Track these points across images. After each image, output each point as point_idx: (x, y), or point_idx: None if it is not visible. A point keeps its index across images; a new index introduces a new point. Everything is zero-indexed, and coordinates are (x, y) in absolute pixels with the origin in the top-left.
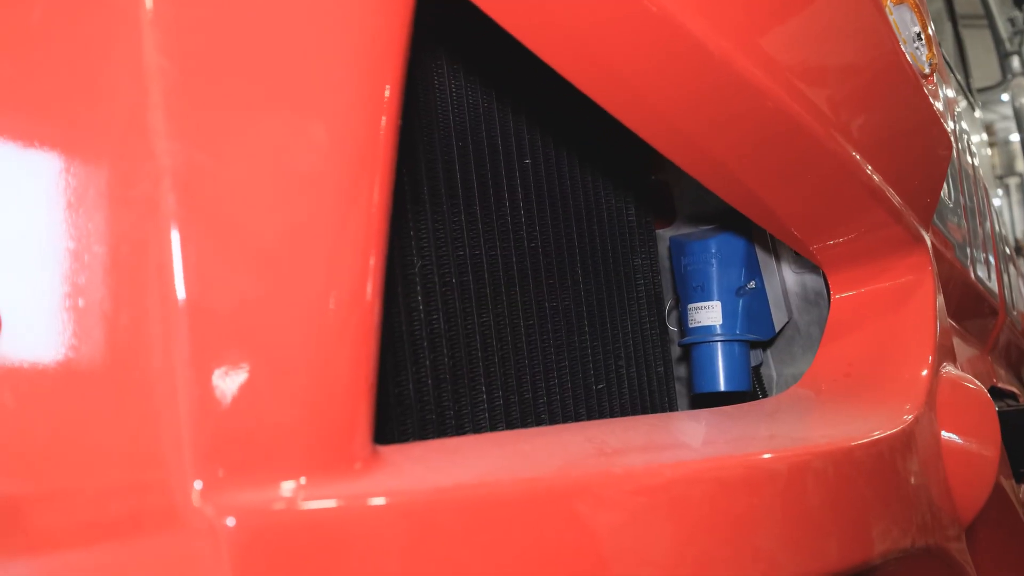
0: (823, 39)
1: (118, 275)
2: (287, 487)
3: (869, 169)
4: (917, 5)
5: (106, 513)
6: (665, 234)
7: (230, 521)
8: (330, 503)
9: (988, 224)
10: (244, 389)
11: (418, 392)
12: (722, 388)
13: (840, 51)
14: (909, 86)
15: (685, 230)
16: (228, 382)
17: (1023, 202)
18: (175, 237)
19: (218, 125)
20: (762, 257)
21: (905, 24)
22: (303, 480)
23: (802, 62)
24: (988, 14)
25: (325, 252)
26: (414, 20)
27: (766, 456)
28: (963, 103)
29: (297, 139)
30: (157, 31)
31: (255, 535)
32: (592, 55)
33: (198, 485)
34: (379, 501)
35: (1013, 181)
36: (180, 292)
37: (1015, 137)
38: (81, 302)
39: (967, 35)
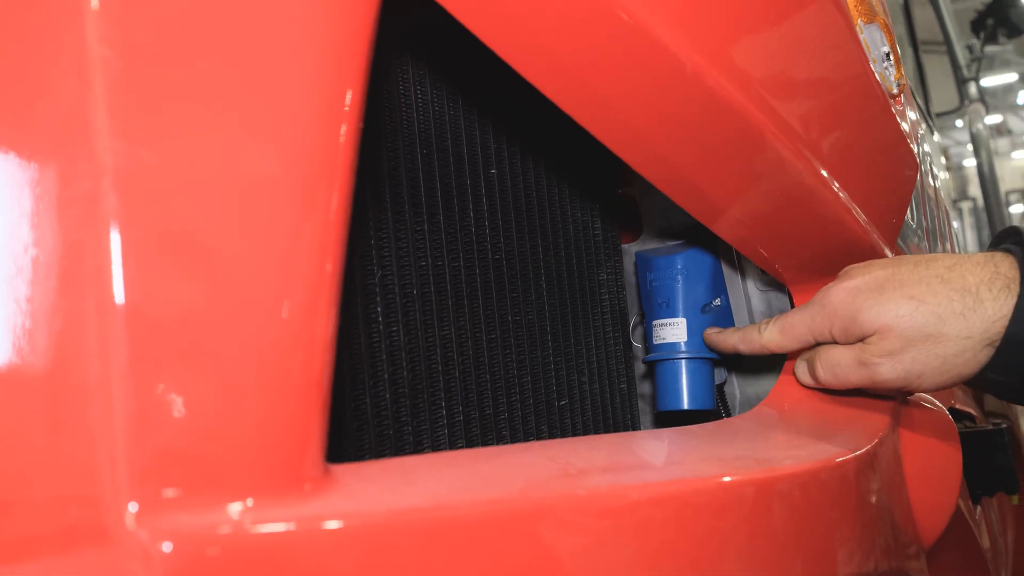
0: (795, 56)
1: (53, 278)
2: (230, 510)
3: (836, 186)
4: (886, 25)
5: (33, 538)
6: (631, 249)
7: (166, 546)
8: (276, 527)
9: (948, 246)
10: (186, 404)
11: (375, 407)
12: (686, 406)
13: (811, 68)
14: (878, 105)
15: (651, 245)
16: (169, 396)
17: (975, 225)
18: (115, 239)
19: (165, 123)
20: (728, 274)
21: (875, 44)
22: (249, 502)
23: (773, 78)
24: (947, 41)
25: (278, 259)
26: (379, 24)
27: (734, 478)
28: (923, 127)
29: (251, 141)
30: (102, 21)
31: (194, 561)
32: (561, 63)
33: (133, 507)
34: (329, 525)
35: (966, 205)
36: (119, 297)
37: (968, 163)
38: (12, 305)
39: (925, 60)
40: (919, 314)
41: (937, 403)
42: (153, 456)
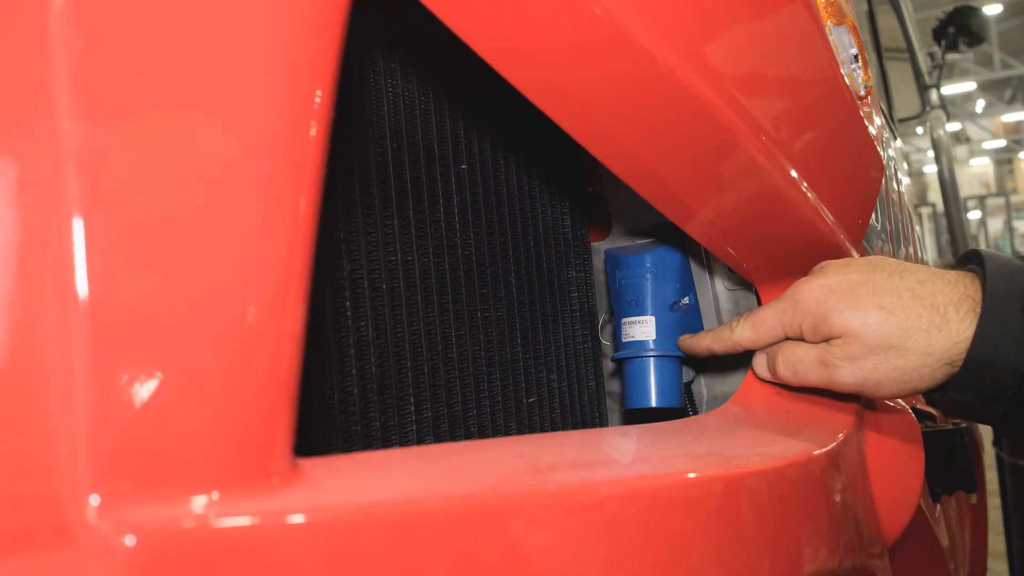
0: (766, 55)
1: (11, 265)
2: (196, 503)
3: (805, 186)
4: (855, 27)
5: None
6: (600, 247)
7: (129, 540)
8: (243, 520)
9: (911, 249)
10: (150, 395)
11: (343, 402)
12: (654, 404)
13: (782, 68)
14: (846, 107)
15: (621, 243)
16: (132, 386)
17: (935, 231)
18: (78, 226)
19: (131, 107)
20: (696, 273)
21: (844, 46)
22: (214, 495)
23: (745, 76)
24: (909, 48)
25: (246, 251)
26: (351, 19)
27: (703, 474)
28: (887, 132)
29: (221, 129)
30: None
31: (158, 555)
32: (534, 57)
33: (94, 500)
34: (297, 519)
35: (926, 211)
36: (81, 286)
37: (928, 169)
38: None
39: (889, 67)
40: (887, 325)
41: (901, 402)
42: (116, 448)
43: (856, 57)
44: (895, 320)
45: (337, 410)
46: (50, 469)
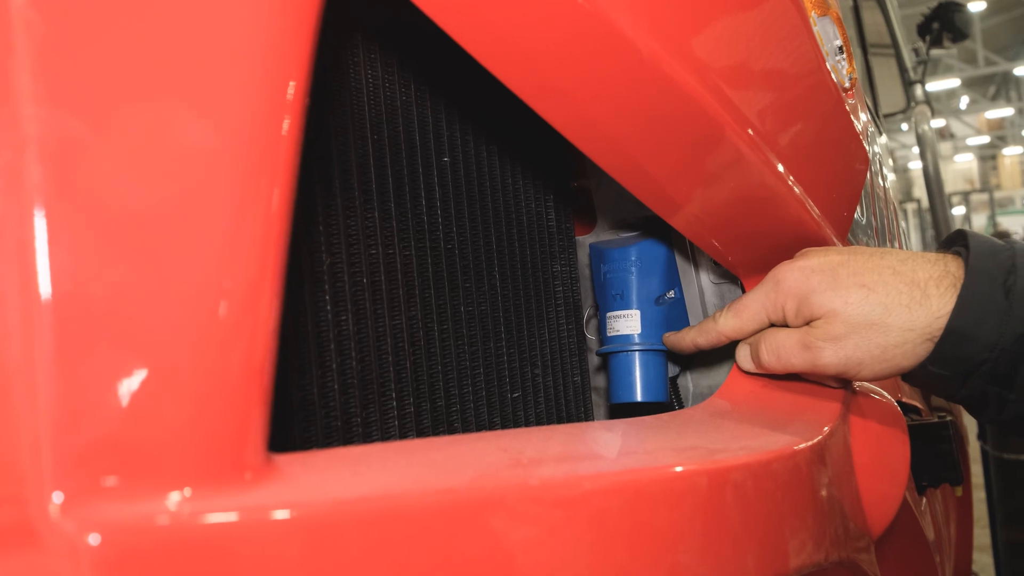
0: (750, 45)
1: None
2: (165, 500)
3: (791, 180)
4: (839, 19)
5: None
6: (585, 241)
7: (94, 539)
8: (214, 517)
9: (897, 245)
10: (117, 389)
11: (323, 397)
12: (639, 398)
13: (766, 59)
14: (831, 99)
15: (606, 237)
16: (98, 380)
17: (920, 227)
18: (40, 214)
19: (97, 93)
20: (681, 267)
21: (828, 37)
22: (185, 492)
23: (729, 67)
24: (894, 43)
25: (218, 241)
26: (327, 9)
27: (687, 468)
28: (872, 127)
29: (190, 118)
30: None
31: (124, 555)
32: (517, 48)
33: (58, 497)
34: (271, 515)
35: (911, 207)
36: (44, 276)
37: (913, 165)
38: None
39: (874, 63)
40: (867, 303)
41: (886, 395)
42: (81, 444)
43: (841, 48)
44: (876, 297)
45: (317, 406)
46: (12, 466)
